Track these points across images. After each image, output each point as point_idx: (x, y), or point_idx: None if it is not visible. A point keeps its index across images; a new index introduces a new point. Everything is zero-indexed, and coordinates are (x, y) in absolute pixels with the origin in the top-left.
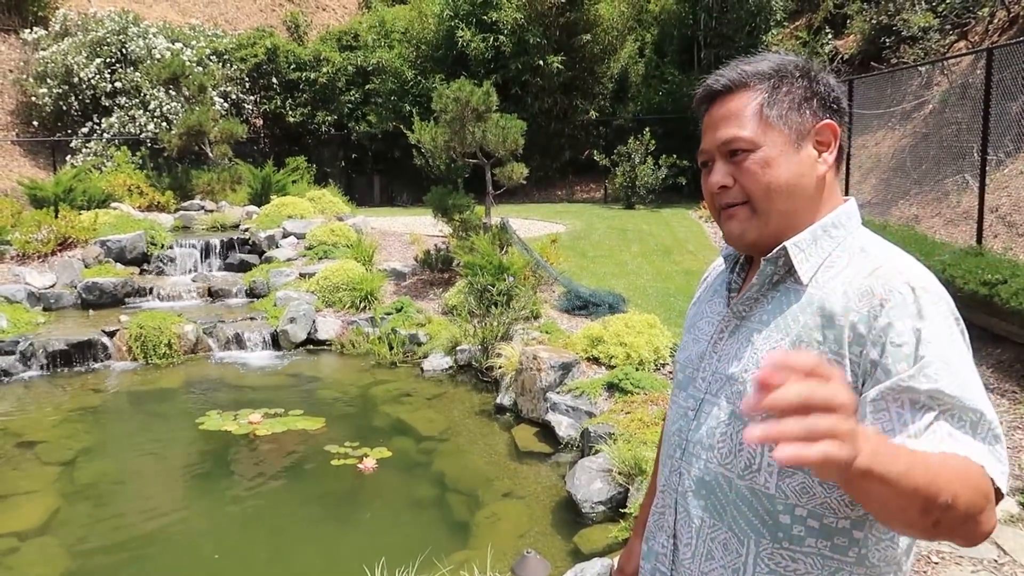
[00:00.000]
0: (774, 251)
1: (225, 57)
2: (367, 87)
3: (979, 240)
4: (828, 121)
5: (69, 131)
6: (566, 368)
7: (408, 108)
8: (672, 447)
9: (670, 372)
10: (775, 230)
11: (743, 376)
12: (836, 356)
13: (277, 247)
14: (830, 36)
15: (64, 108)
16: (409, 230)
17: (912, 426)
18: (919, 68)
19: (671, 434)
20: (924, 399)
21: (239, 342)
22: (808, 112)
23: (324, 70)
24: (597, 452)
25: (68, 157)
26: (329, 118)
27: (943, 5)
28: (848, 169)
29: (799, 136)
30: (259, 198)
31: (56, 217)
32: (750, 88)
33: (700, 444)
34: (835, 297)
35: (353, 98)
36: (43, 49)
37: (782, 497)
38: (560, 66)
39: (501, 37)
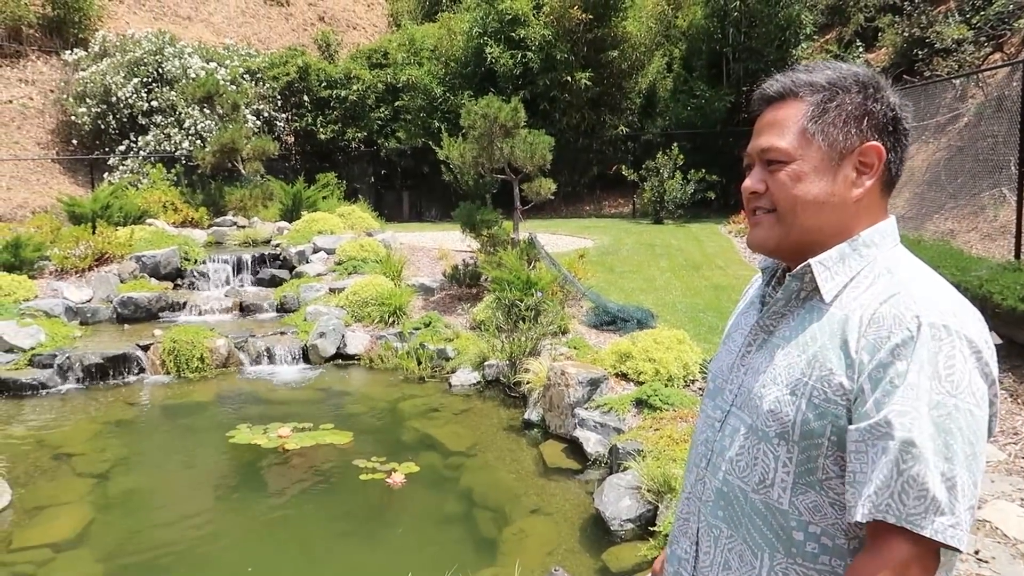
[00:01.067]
0: (799, 267)
1: (258, 76)
2: (397, 104)
3: (1017, 255)
4: (873, 143)
5: (107, 149)
6: (594, 384)
7: (437, 124)
8: (699, 456)
9: (700, 388)
10: (796, 242)
11: (761, 392)
12: (849, 380)
13: (307, 262)
14: (861, 49)
15: (102, 127)
16: (438, 245)
17: (874, 476)
18: (953, 80)
19: (699, 443)
20: (897, 447)
21: (270, 356)
22: (854, 131)
23: (354, 87)
24: (626, 469)
25: (106, 174)
26: (359, 135)
27: (977, 17)
28: None
29: (839, 155)
30: (290, 214)
31: (93, 233)
32: (799, 99)
33: (722, 455)
34: (853, 320)
35: (383, 115)
36: (83, 69)
37: (795, 513)
38: (588, 82)
39: (529, 54)
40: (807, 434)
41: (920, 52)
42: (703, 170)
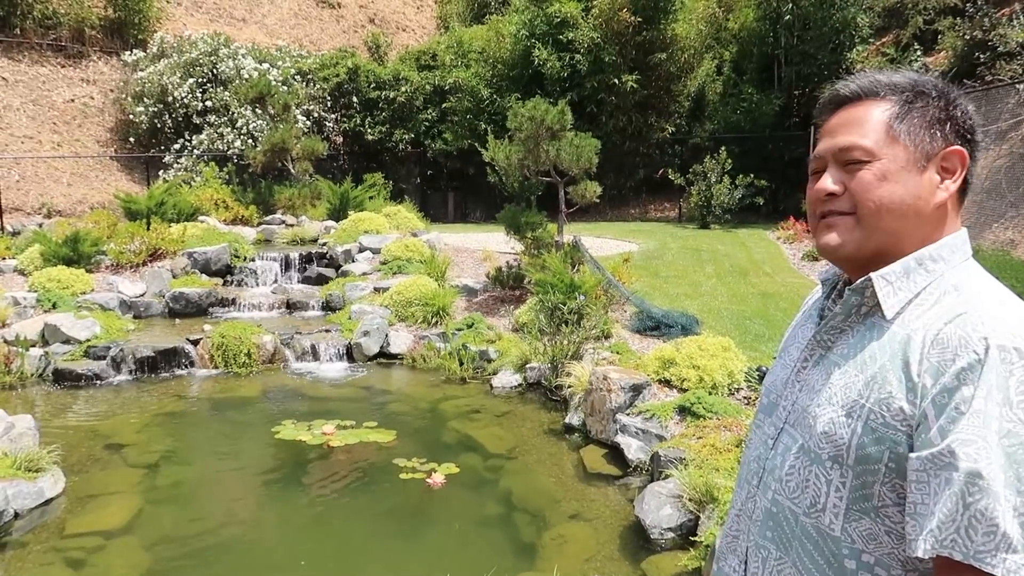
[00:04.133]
0: (859, 281)
1: (309, 77)
2: (444, 105)
3: None
4: (958, 147)
5: (162, 147)
6: (637, 390)
7: (483, 126)
8: (751, 473)
9: (744, 397)
10: (875, 248)
11: (816, 411)
12: (910, 405)
13: (353, 261)
14: (919, 53)
15: (158, 126)
16: (482, 247)
17: (937, 510)
18: (1016, 85)
19: (750, 460)
20: (962, 479)
21: (314, 354)
22: (939, 135)
23: (403, 89)
24: (667, 477)
25: (161, 172)
26: (406, 136)
27: None
28: None
29: (924, 157)
30: (337, 213)
31: (148, 229)
32: (881, 98)
33: (773, 474)
34: (915, 340)
35: (430, 116)
36: (141, 70)
37: (848, 541)
38: (635, 84)
39: (577, 56)
40: (863, 459)
41: (982, 56)
42: (751, 175)
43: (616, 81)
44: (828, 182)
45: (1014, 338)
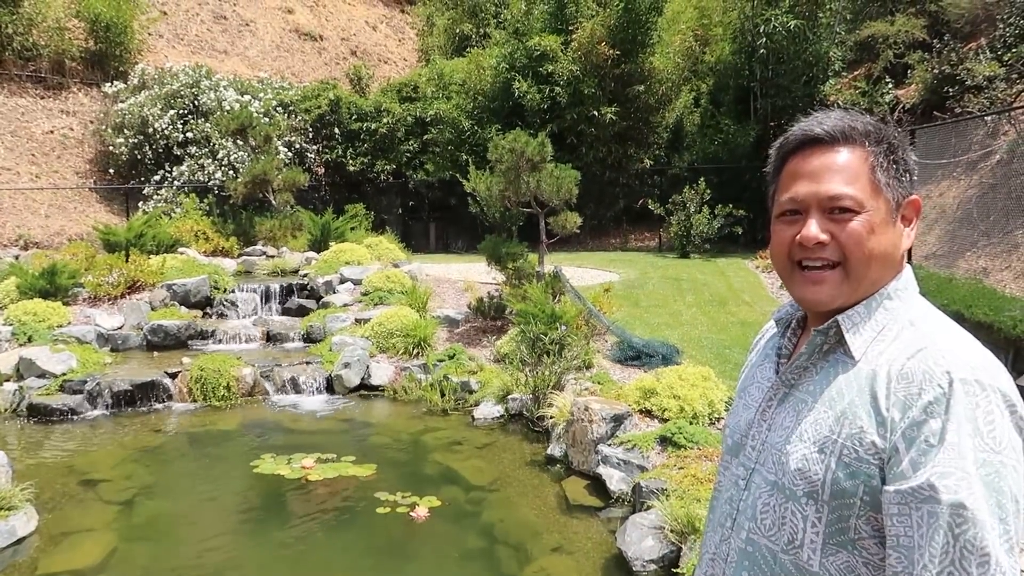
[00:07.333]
0: (827, 323)
1: (290, 108)
2: (425, 137)
3: None
4: (916, 197)
5: (142, 179)
6: (618, 420)
7: (465, 157)
8: (723, 516)
9: (725, 426)
10: (859, 298)
11: (787, 449)
12: (881, 439)
13: (334, 292)
14: (890, 86)
15: (139, 157)
16: (463, 277)
17: (928, 545)
18: (984, 118)
19: (722, 502)
20: (947, 512)
21: (295, 386)
22: (907, 183)
23: (384, 120)
24: (649, 508)
25: (140, 203)
26: (388, 167)
27: (1009, 54)
28: None
29: (896, 207)
30: (318, 244)
31: (127, 261)
32: (857, 144)
33: (746, 514)
34: (881, 375)
35: (411, 147)
36: (122, 101)
37: None
38: (614, 116)
39: (557, 88)
40: (838, 494)
41: (951, 89)
42: (730, 205)
43: (595, 113)
44: (815, 229)
45: (974, 371)
